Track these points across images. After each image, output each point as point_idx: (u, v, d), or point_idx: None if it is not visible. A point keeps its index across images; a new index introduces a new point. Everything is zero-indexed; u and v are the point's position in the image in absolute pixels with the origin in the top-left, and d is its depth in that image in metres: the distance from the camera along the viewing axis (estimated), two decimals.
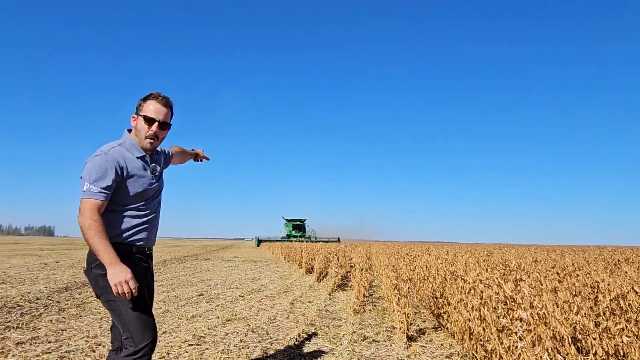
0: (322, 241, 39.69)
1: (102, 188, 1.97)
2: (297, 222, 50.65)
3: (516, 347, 2.41)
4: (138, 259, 2.12)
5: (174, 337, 4.26)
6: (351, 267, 11.93)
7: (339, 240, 45.99)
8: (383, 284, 6.34)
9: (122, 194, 2.06)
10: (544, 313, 2.58)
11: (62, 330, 4.52)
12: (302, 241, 39.65)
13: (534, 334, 2.38)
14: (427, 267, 5.37)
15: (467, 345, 3.49)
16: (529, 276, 2.64)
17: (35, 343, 3.99)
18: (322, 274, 10.44)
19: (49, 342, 4.02)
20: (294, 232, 49.08)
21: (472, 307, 3.13)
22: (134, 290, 1.91)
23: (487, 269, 3.33)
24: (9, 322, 4.86)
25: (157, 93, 2.15)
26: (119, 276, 1.88)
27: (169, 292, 7.63)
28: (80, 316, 5.25)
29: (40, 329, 4.56)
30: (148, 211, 2.16)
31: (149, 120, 2.10)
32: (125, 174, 2.04)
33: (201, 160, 2.99)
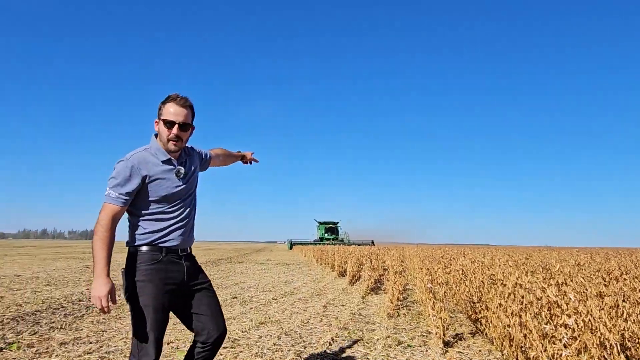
0: (356, 244, 39.03)
1: (120, 194, 2.00)
2: (330, 225, 49.77)
3: (560, 355, 2.30)
4: (170, 261, 2.11)
5: None
6: (384, 270, 11.81)
7: (372, 243, 44.96)
8: (417, 288, 6.22)
9: (147, 198, 2.08)
10: (589, 319, 2.45)
11: (103, 331, 4.65)
12: (335, 244, 39.30)
13: (580, 342, 2.25)
14: (463, 270, 5.23)
15: (507, 352, 3.36)
16: (572, 280, 2.51)
17: (78, 343, 4.12)
18: (355, 277, 10.36)
19: (90, 343, 4.14)
20: (326, 234, 48.40)
21: (512, 313, 3.01)
22: (105, 309, 1.95)
23: (527, 273, 3.19)
24: (54, 322, 5.05)
25: (175, 95, 2.12)
26: (97, 290, 1.94)
27: None
28: (120, 317, 5.40)
29: (82, 329, 4.71)
30: (177, 213, 2.15)
31: (169, 123, 2.09)
32: (147, 179, 2.05)
33: (250, 163, 2.92)
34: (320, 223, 50.51)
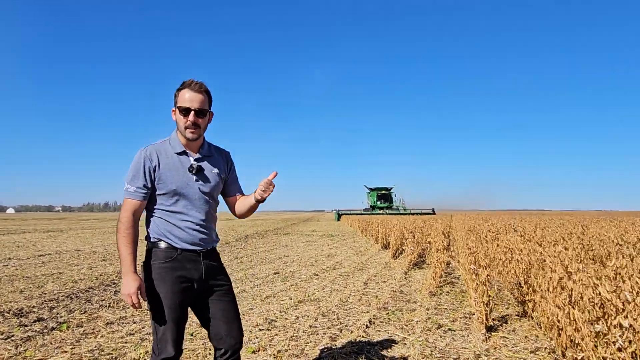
0: (414, 213, 34.31)
1: (137, 187, 1.96)
2: (382, 191, 44.19)
3: (613, 358, 2.05)
4: (185, 259, 2.01)
5: (247, 321, 4.34)
6: (428, 243, 11.55)
7: (433, 211, 38.38)
8: (461, 266, 5.99)
9: (159, 191, 2.00)
10: None
11: (147, 310, 4.81)
12: (389, 213, 35.53)
13: (637, 346, 2.00)
14: (510, 249, 4.92)
15: (556, 342, 3.12)
16: (630, 278, 2.22)
17: (122, 323, 4.28)
18: (398, 250, 10.22)
19: (134, 323, 4.29)
20: (378, 202, 43.26)
21: (560, 305, 2.76)
22: (136, 305, 1.91)
23: (578, 259, 2.89)
24: (104, 300, 5.30)
25: (190, 80, 2.00)
26: (126, 288, 1.91)
27: (247, 270, 7.88)
28: None
29: (128, 308, 4.90)
30: (192, 211, 2.03)
31: (185, 110, 1.98)
32: (157, 169, 1.98)
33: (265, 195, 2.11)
34: (371, 189, 45.22)
